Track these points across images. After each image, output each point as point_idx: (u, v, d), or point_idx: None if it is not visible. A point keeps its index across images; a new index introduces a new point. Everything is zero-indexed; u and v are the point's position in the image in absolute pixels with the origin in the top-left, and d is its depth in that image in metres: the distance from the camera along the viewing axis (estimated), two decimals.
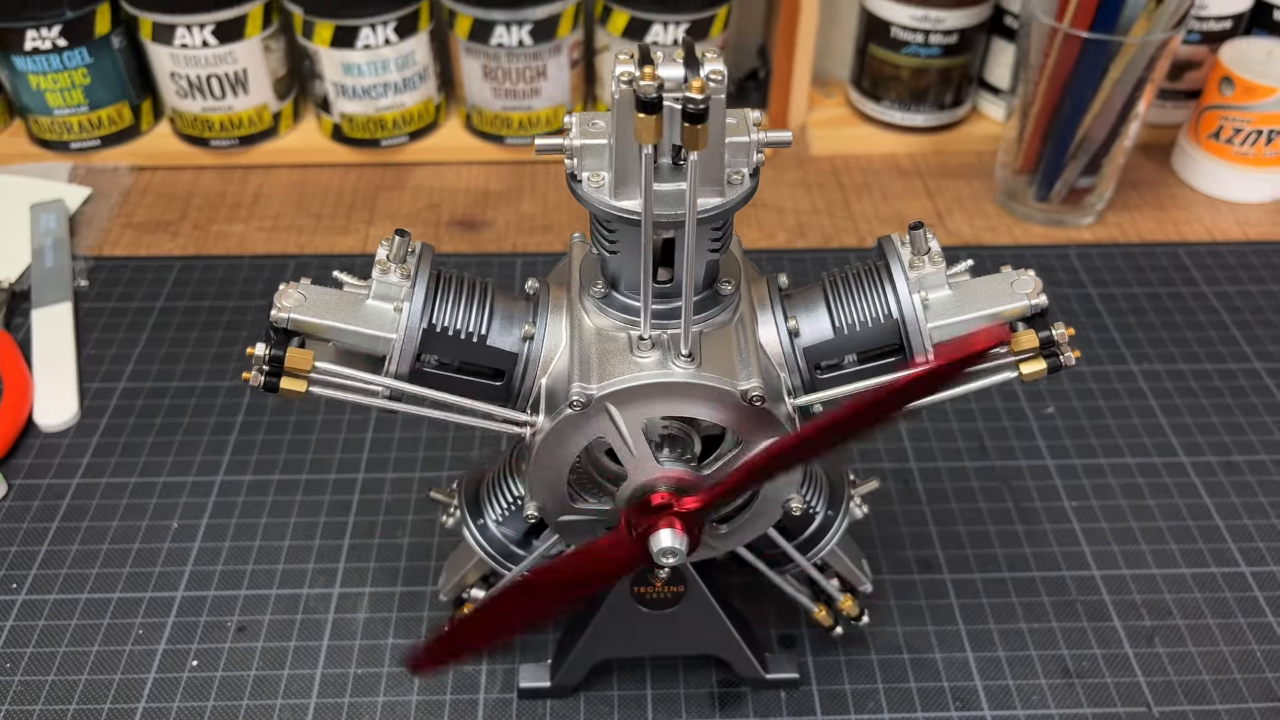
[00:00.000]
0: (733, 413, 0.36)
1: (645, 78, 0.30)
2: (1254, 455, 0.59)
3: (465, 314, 0.39)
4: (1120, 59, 0.65)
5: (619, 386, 0.36)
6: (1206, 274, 0.70)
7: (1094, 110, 0.68)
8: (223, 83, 0.74)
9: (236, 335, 0.65)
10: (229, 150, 0.78)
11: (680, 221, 0.34)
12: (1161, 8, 0.63)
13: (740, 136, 0.34)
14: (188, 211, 0.75)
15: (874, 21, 0.77)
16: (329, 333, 0.37)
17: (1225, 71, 0.73)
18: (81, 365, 0.63)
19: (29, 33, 0.71)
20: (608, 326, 0.38)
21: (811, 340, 0.39)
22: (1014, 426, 0.60)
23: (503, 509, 0.45)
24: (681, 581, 0.45)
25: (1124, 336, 0.66)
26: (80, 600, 0.51)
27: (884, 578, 0.52)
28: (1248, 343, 0.65)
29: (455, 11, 0.73)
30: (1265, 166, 0.75)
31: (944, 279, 0.38)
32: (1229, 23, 0.77)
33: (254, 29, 0.73)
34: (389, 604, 0.51)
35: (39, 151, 0.78)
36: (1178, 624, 0.51)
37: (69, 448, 0.58)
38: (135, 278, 0.69)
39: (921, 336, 0.38)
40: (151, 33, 0.72)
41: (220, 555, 0.53)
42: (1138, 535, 0.54)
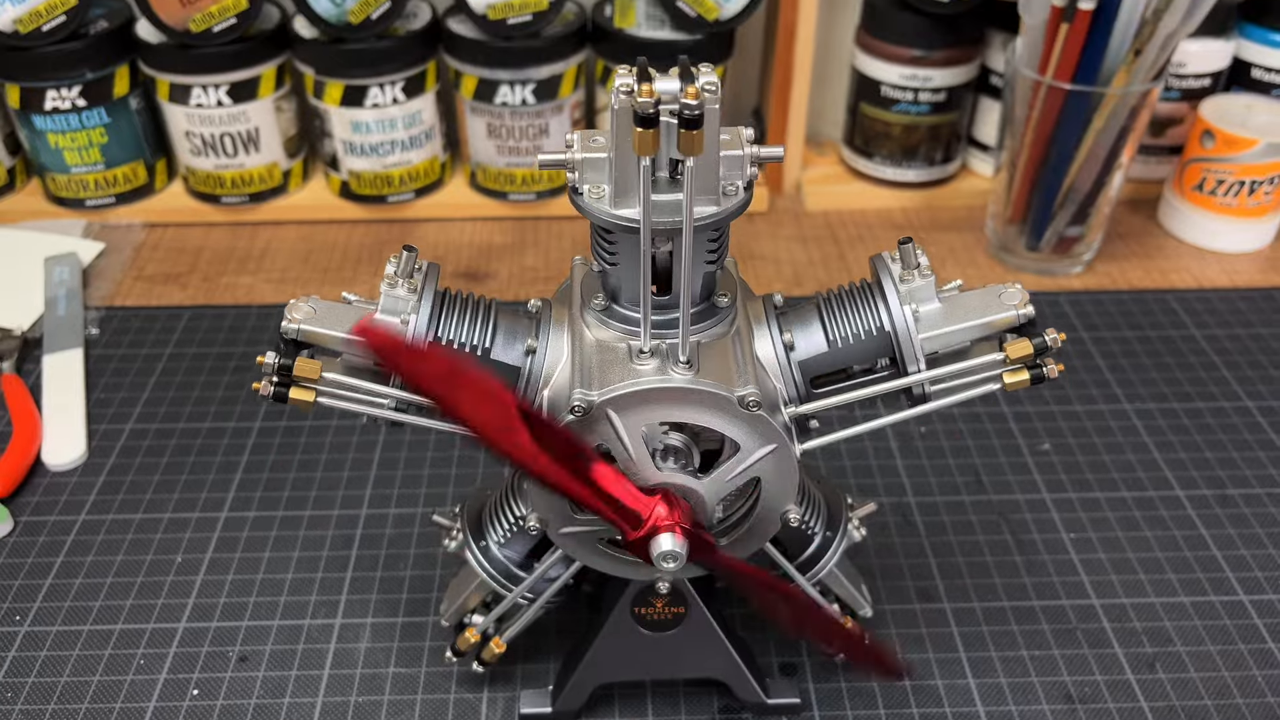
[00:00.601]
0: (729, 419, 0.37)
1: (642, 94, 0.32)
2: (1249, 489, 0.59)
3: (470, 328, 0.40)
4: (1102, 110, 0.67)
5: (619, 392, 0.37)
6: (1196, 319, 0.72)
7: (1079, 160, 0.70)
8: (235, 141, 0.77)
9: (243, 379, 0.66)
10: (239, 207, 0.80)
11: (678, 229, 0.35)
12: (1140, 60, 0.65)
13: (735, 150, 0.36)
14: (197, 265, 0.77)
15: (865, 81, 0.80)
16: (337, 344, 0.39)
17: (1206, 125, 0.76)
18: (90, 408, 0.64)
19: (49, 93, 0.74)
20: (608, 338, 0.39)
21: (806, 354, 0.40)
22: (1010, 462, 0.61)
23: (505, 530, 0.45)
24: (682, 602, 0.45)
25: (1117, 377, 0.67)
26: (83, 631, 0.51)
27: (884, 607, 0.53)
28: (1238, 383, 0.66)
29: (461, 72, 0.76)
30: (1249, 217, 0.77)
31: (934, 292, 0.40)
32: (1208, 80, 0.79)
33: (267, 89, 0.76)
34: (390, 634, 0.51)
35: (55, 209, 0.80)
36: (1179, 650, 0.51)
37: (75, 486, 0.59)
38: (145, 326, 0.71)
39: (914, 346, 0.39)
40: (169, 93, 0.75)
41: (223, 588, 0.53)
42: (1135, 565, 0.55)
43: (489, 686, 0.49)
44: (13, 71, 0.74)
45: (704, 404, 0.37)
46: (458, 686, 0.49)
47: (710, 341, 0.39)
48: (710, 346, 0.38)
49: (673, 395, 0.37)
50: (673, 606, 0.45)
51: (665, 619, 0.45)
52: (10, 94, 0.75)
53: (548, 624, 0.51)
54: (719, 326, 0.39)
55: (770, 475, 0.39)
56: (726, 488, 0.39)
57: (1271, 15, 0.78)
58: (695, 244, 0.36)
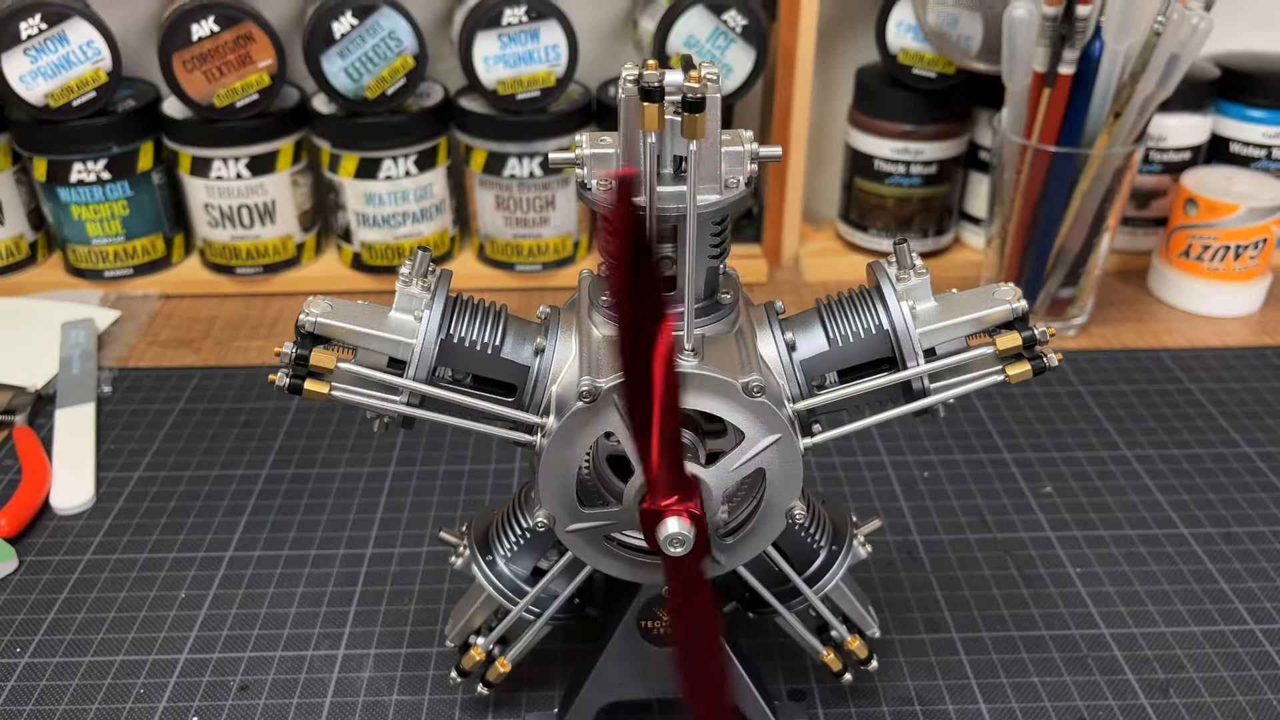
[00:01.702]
0: (733, 405, 0.38)
1: (649, 69, 0.34)
2: (1253, 527, 0.59)
3: (481, 328, 0.41)
4: (1087, 172, 0.70)
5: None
6: (1190, 374, 0.73)
7: (1068, 221, 0.72)
8: (252, 212, 0.80)
9: (252, 432, 0.67)
10: (253, 278, 0.83)
11: (682, 216, 0.37)
12: (1120, 123, 0.69)
13: (736, 147, 0.38)
14: (211, 331, 0.79)
15: (859, 156, 0.84)
16: (353, 337, 0.40)
17: (1189, 194, 0.79)
18: (100, 457, 0.65)
19: (75, 165, 0.77)
20: (614, 333, 0.40)
21: (808, 353, 0.41)
22: (1013, 503, 0.61)
23: (511, 543, 0.45)
24: None
25: (1116, 427, 0.67)
26: (83, 663, 0.51)
27: (892, 637, 0.52)
28: (1236, 430, 0.67)
29: (471, 146, 0.79)
30: (1237, 281, 0.79)
31: (929, 291, 0.41)
32: (1188, 154, 0.83)
33: (284, 163, 0.79)
34: (394, 664, 0.51)
35: (74, 281, 0.83)
36: (1191, 677, 0.50)
37: (82, 528, 0.59)
38: (157, 385, 0.72)
39: (912, 341, 0.40)
40: (190, 167, 0.78)
41: (226, 621, 0.53)
42: (1144, 597, 0.54)
43: (493, 712, 0.48)
44: (42, 144, 0.77)
45: (708, 389, 0.38)
46: (462, 713, 0.48)
47: (714, 335, 0.40)
48: (714, 340, 0.40)
49: (679, 381, 0.38)
50: None
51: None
52: (38, 167, 0.78)
53: (554, 652, 0.51)
54: (722, 323, 0.40)
55: (775, 467, 0.40)
56: (732, 477, 0.39)
57: (1246, 92, 0.82)
58: (699, 236, 0.38)
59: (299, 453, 0.65)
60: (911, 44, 0.78)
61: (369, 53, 0.75)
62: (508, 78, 0.76)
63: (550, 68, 0.76)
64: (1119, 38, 0.65)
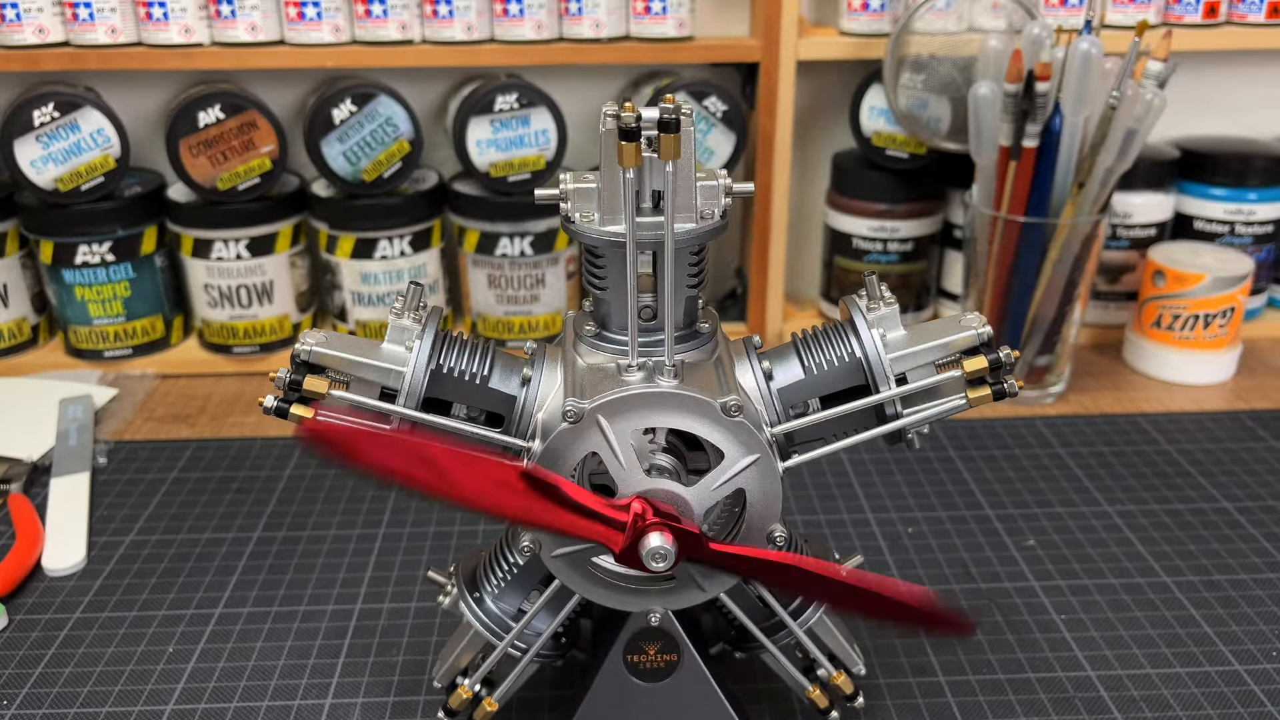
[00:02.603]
0: (713, 424, 0.40)
1: (626, 110, 0.37)
2: (1234, 575, 0.60)
3: (470, 359, 0.43)
4: (1056, 240, 0.73)
5: (609, 398, 0.39)
6: (1167, 436, 0.74)
7: (1040, 290, 0.75)
8: (251, 292, 0.82)
9: (245, 498, 0.68)
10: (250, 357, 0.84)
11: (660, 243, 0.39)
12: (1084, 193, 0.72)
13: (711, 182, 0.40)
14: (206, 407, 0.80)
15: (838, 236, 0.87)
16: (346, 365, 0.41)
17: (1156, 266, 0.81)
18: (93, 522, 0.65)
19: (81, 247, 0.80)
20: (599, 361, 0.42)
21: (784, 382, 0.43)
22: (996, 556, 0.62)
23: (499, 579, 0.46)
24: (675, 650, 0.45)
25: (1096, 485, 0.69)
26: (69, 713, 0.50)
27: (878, 681, 0.52)
28: (1214, 487, 0.68)
29: (464, 227, 0.82)
30: (1208, 349, 0.81)
31: (898, 321, 0.43)
32: (1154, 230, 0.86)
33: (283, 245, 0.82)
34: (381, 711, 0.51)
35: (73, 361, 0.84)
36: (1179, 715, 0.50)
37: (73, 589, 0.60)
38: (152, 456, 0.73)
39: (883, 366, 0.42)
40: (192, 248, 0.81)
41: (213, 674, 0.53)
42: (1129, 641, 0.55)
43: None
44: (49, 227, 0.80)
45: (689, 409, 0.39)
46: None
47: (694, 361, 0.42)
48: (694, 365, 0.41)
49: (659, 400, 0.39)
50: (665, 654, 0.45)
51: (658, 667, 0.45)
52: (44, 249, 0.80)
53: (540, 699, 0.51)
54: (701, 351, 0.42)
55: (754, 488, 0.41)
56: (713, 496, 0.40)
57: (1206, 171, 0.86)
58: (677, 265, 0.40)
59: (290, 517, 0.66)
60: (884, 127, 0.82)
61: (367, 138, 0.78)
62: (500, 161, 0.80)
63: (540, 151, 0.80)
64: (1076, 110, 0.68)
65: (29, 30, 0.78)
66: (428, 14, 0.80)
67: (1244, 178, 0.85)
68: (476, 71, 0.85)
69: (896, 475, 0.70)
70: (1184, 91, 0.92)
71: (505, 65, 0.82)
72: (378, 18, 0.79)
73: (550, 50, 0.80)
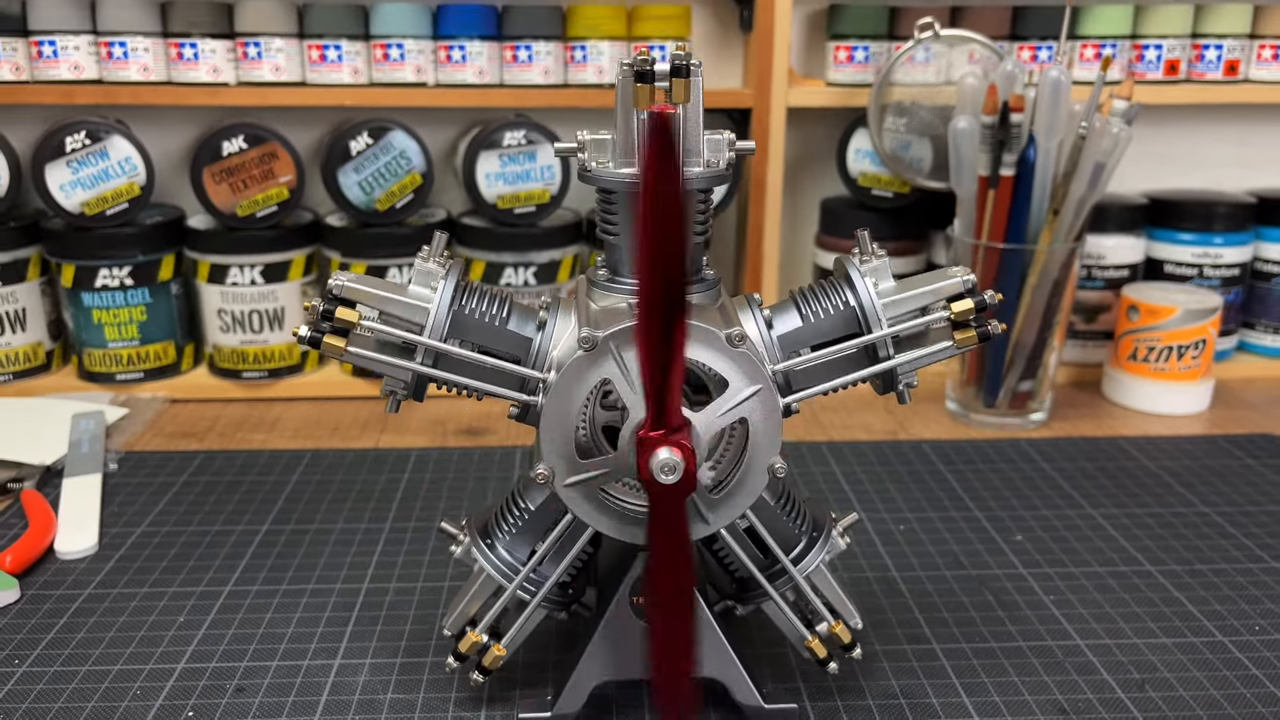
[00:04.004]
0: (718, 354, 0.42)
1: (640, 53, 0.41)
2: (1216, 565, 0.62)
3: (489, 304, 0.46)
4: (1035, 266, 0.77)
5: (622, 326, 0.42)
6: (1147, 454, 0.77)
7: (1021, 315, 0.79)
8: (263, 318, 0.85)
9: (253, 498, 0.69)
10: (258, 382, 0.87)
11: None
12: (1059, 220, 0.76)
13: (717, 136, 0.44)
14: (214, 427, 0.82)
15: (825, 274, 0.91)
16: (376, 300, 0.44)
17: (1130, 302, 0.86)
18: (104, 517, 0.67)
19: (101, 271, 0.83)
20: (611, 303, 0.45)
21: (783, 330, 0.46)
22: (986, 548, 0.63)
23: (510, 526, 0.48)
24: None
25: (1080, 492, 0.71)
26: (80, 671, 0.51)
27: (875, 647, 0.54)
28: (1193, 495, 0.71)
29: (471, 258, 0.86)
30: (1184, 380, 0.85)
31: (889, 273, 0.46)
32: (1126, 271, 0.90)
33: (296, 273, 0.85)
34: (389, 670, 0.52)
35: (85, 385, 0.87)
36: (1167, 676, 0.51)
37: (85, 569, 0.61)
38: (161, 464, 0.75)
39: (876, 310, 0.45)
40: (208, 274, 0.84)
41: (223, 639, 0.54)
42: (1116, 618, 0.56)
43: (487, 706, 0.49)
44: (72, 250, 0.83)
45: (696, 339, 0.42)
46: (456, 710, 0.49)
47: (700, 304, 0.45)
48: (700, 306, 0.44)
49: None
50: None
51: None
52: (65, 272, 0.84)
53: (546, 661, 0.52)
54: (706, 295, 0.45)
55: (756, 418, 0.43)
56: (717, 423, 0.43)
57: (1173, 218, 0.91)
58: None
59: (298, 513, 0.67)
60: (869, 168, 0.87)
61: (381, 169, 0.82)
62: (506, 193, 0.84)
63: (546, 186, 0.84)
64: (1049, 136, 0.73)
65: (64, 67, 0.83)
66: (442, 59, 0.85)
67: (1210, 223, 0.90)
68: (486, 115, 0.90)
69: (887, 483, 0.72)
70: (1149, 149, 0.98)
71: (513, 107, 0.86)
72: (395, 61, 0.84)
73: (556, 94, 0.86)
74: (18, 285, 0.85)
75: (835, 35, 0.88)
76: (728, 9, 0.92)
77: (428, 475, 0.73)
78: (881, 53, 0.87)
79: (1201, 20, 0.89)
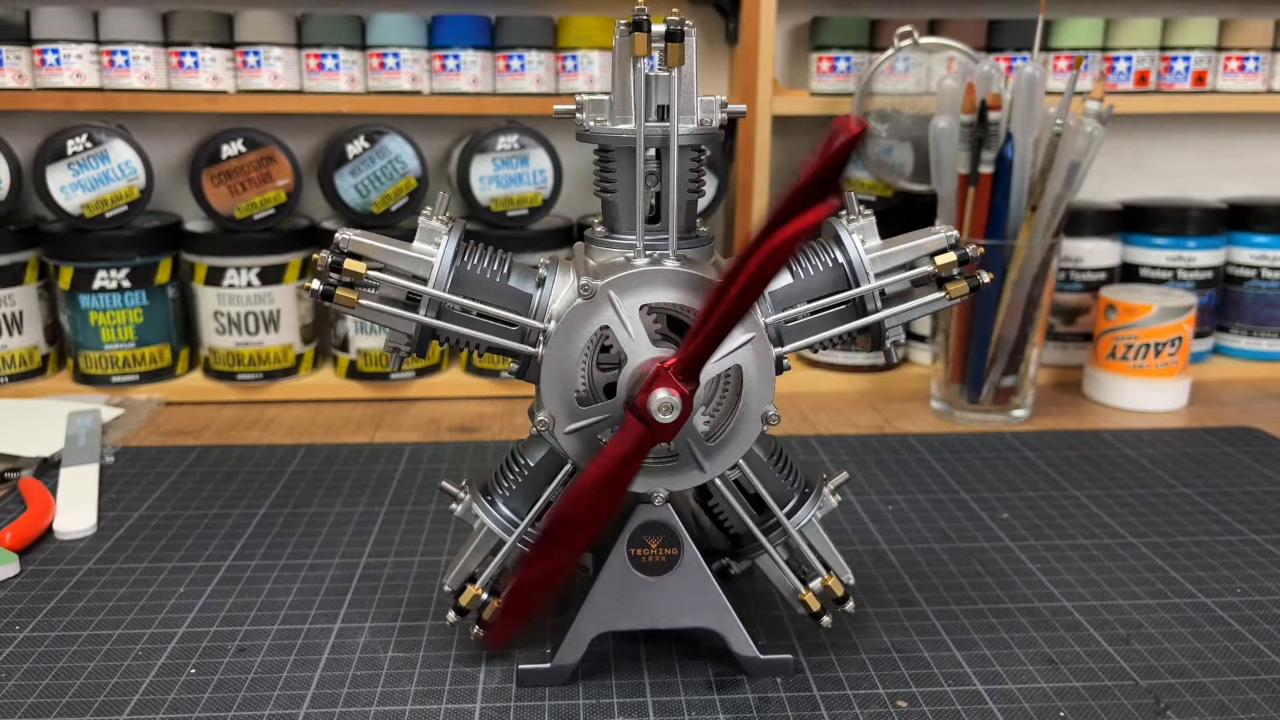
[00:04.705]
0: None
1: (639, 3, 0.43)
2: (1197, 538, 0.63)
3: (490, 260, 0.47)
4: (1015, 261, 0.79)
5: (619, 275, 0.44)
6: (1128, 444, 0.79)
7: (1003, 309, 0.81)
8: (259, 320, 0.86)
9: (251, 484, 0.70)
10: (253, 384, 0.88)
11: (666, 138, 0.44)
12: (1037, 216, 0.79)
13: (709, 97, 0.46)
14: (210, 426, 0.83)
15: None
16: (381, 254, 0.46)
17: (1108, 302, 0.88)
18: (102, 503, 0.67)
19: (99, 273, 0.84)
20: (607, 258, 0.46)
21: (775, 286, 0.48)
22: (973, 525, 0.65)
23: (510, 482, 0.49)
24: (676, 544, 0.48)
25: (1063, 476, 0.72)
26: (81, 635, 0.52)
27: (866, 609, 0.55)
28: (1173, 478, 0.72)
29: None
30: (1161, 377, 0.87)
31: (875, 231, 0.48)
32: (1104, 274, 0.93)
33: (292, 276, 0.87)
34: (389, 632, 0.52)
35: (81, 388, 0.87)
36: (1152, 632, 0.53)
37: (85, 547, 0.61)
38: (158, 456, 0.75)
39: (863, 264, 0.47)
40: (205, 276, 0.85)
41: (224, 606, 0.55)
42: (1101, 583, 0.58)
43: (486, 663, 0.50)
44: (71, 252, 0.84)
45: (691, 286, 0.44)
46: (455, 665, 0.50)
47: (695, 257, 0.46)
48: (694, 259, 0.46)
49: (665, 278, 0.44)
50: (666, 548, 0.48)
51: (660, 560, 0.48)
52: (63, 275, 0.85)
53: (544, 622, 0.53)
54: (700, 251, 0.47)
55: (750, 367, 0.45)
56: (713, 369, 0.44)
57: (1147, 223, 0.94)
58: (679, 165, 0.45)
59: (295, 498, 0.68)
60: (853, 172, 0.90)
61: (377, 172, 0.84)
62: (500, 196, 0.86)
63: (538, 189, 0.86)
64: (1025, 131, 0.76)
65: (67, 74, 0.85)
66: (436, 68, 0.88)
67: (1183, 227, 0.93)
68: (479, 123, 0.92)
69: (874, 469, 0.73)
70: (1122, 159, 1.01)
71: (506, 114, 0.89)
72: (391, 69, 0.86)
73: (548, 102, 0.88)
74: (15, 289, 0.86)
75: (818, 46, 0.91)
76: (714, 22, 0.96)
77: (422, 466, 0.74)
78: (863, 62, 0.90)
79: (1170, 33, 0.93)
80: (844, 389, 0.92)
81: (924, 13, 0.93)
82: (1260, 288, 0.95)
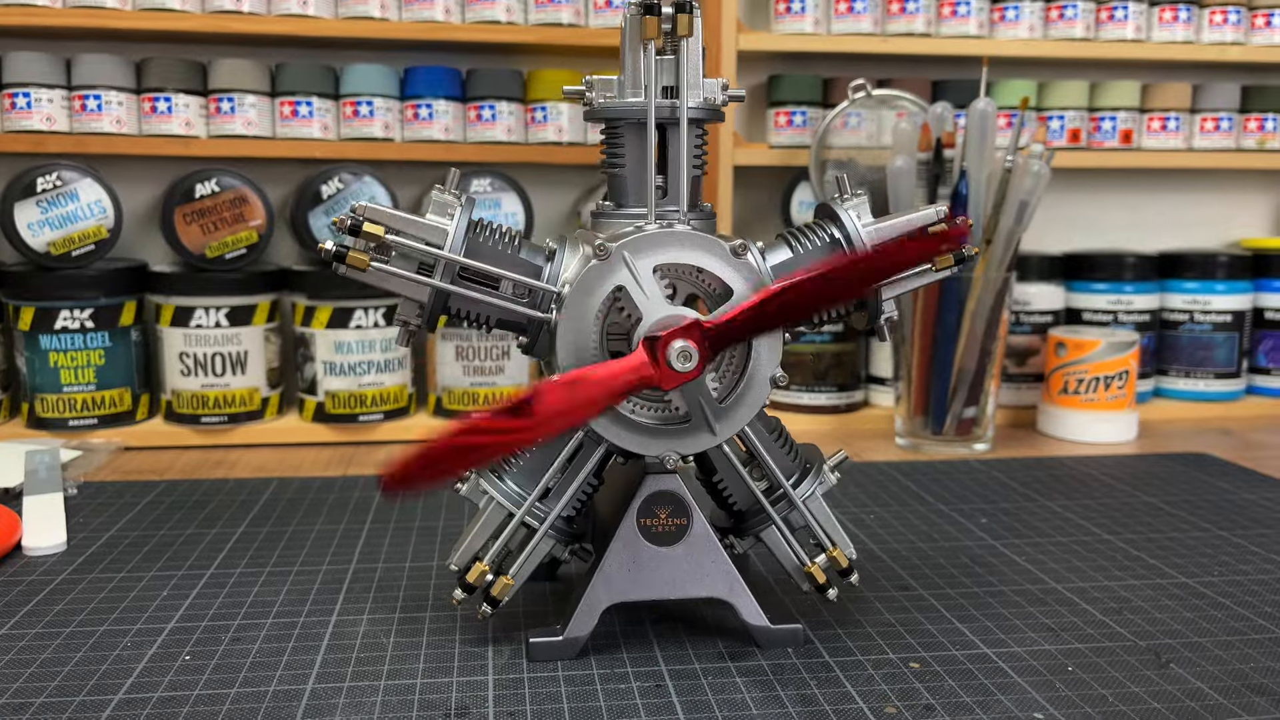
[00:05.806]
0: (723, 263, 0.46)
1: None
2: (1169, 534, 0.65)
3: (501, 234, 0.48)
4: (972, 292, 0.83)
5: (633, 237, 0.45)
6: (1089, 467, 0.82)
7: (963, 340, 0.84)
8: (225, 361, 0.85)
9: (224, 511, 0.68)
10: (217, 428, 0.86)
11: (676, 120, 0.46)
12: (991, 249, 0.83)
13: (713, 80, 0.49)
14: (173, 466, 0.81)
15: None
16: (397, 222, 0.46)
17: (1057, 340, 0.92)
18: (71, 528, 0.65)
19: (62, 313, 0.83)
20: (616, 229, 0.48)
21: (776, 260, 0.50)
22: (954, 529, 0.66)
23: (518, 458, 0.49)
24: (685, 514, 0.48)
25: (1033, 491, 0.74)
26: (62, 633, 0.50)
27: (865, 594, 0.55)
28: (1138, 491, 0.75)
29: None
30: (1112, 409, 0.90)
31: (869, 210, 0.51)
32: (1050, 316, 0.97)
33: (260, 318, 0.86)
34: (389, 622, 0.51)
35: (35, 433, 0.85)
36: (1142, 605, 0.54)
37: (57, 561, 0.59)
38: (123, 490, 0.73)
39: (861, 240, 0.49)
40: (172, 317, 0.85)
41: (214, 604, 0.53)
42: (1087, 570, 0.59)
43: (494, 644, 0.49)
44: (33, 291, 0.83)
45: (702, 247, 0.46)
46: (461, 646, 0.49)
47: (701, 228, 0.48)
48: (701, 230, 0.48)
49: (677, 239, 0.45)
50: (675, 518, 0.48)
51: (669, 530, 0.48)
52: (24, 315, 0.83)
53: (546, 611, 0.52)
54: (704, 225, 0.49)
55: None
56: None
57: (1086, 269, 0.99)
58: (685, 140, 0.47)
59: (272, 520, 0.67)
60: (811, 217, 0.93)
61: None
62: None
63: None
64: (979, 167, 0.80)
65: (37, 118, 0.85)
66: (409, 117, 0.90)
67: (1120, 273, 0.98)
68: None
69: (851, 488, 0.75)
70: (1060, 212, 1.07)
71: (478, 162, 0.91)
72: (364, 117, 0.88)
73: (517, 150, 0.91)
74: None
75: (774, 102, 0.96)
76: None
77: None
78: (818, 117, 0.95)
79: (1097, 94, 1.00)
80: (810, 429, 0.94)
81: (872, 72, 0.98)
82: (1194, 330, 1.00)
